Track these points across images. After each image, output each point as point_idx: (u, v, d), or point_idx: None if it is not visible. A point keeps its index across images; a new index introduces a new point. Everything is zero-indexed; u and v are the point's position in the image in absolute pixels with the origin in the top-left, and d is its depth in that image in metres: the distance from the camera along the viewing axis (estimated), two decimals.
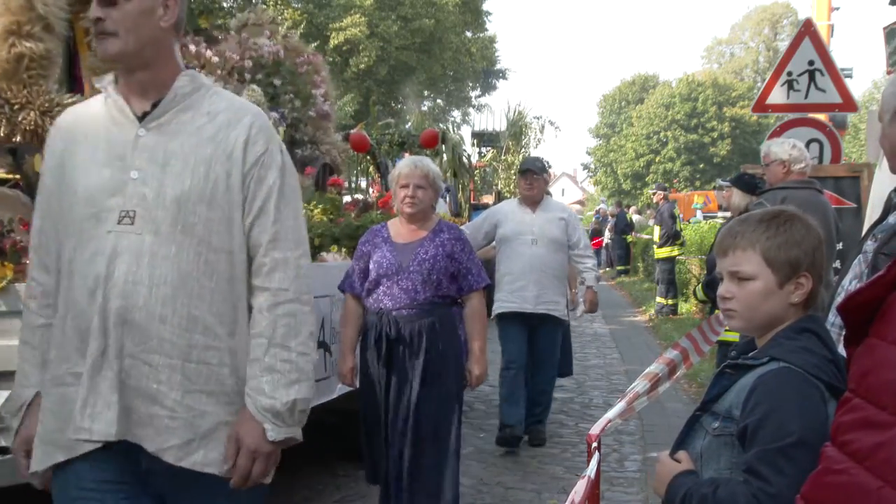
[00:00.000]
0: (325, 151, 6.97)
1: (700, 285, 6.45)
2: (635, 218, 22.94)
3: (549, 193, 7.17)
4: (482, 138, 23.07)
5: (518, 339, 6.26)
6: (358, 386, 4.37)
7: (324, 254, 5.10)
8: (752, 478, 1.82)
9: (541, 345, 6.35)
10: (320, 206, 5.37)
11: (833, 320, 2.47)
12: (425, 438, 4.15)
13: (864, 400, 1.39)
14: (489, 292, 7.87)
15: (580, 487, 2.47)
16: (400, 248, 4.24)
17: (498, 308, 6.29)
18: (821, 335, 1.96)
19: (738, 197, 5.64)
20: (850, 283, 2.44)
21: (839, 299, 2.48)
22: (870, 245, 2.43)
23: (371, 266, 4.25)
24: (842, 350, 2.32)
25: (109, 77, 2.22)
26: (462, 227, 6.14)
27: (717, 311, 4.89)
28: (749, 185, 5.65)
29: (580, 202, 63.64)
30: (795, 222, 2.02)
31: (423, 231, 4.29)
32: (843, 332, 2.40)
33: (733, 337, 5.19)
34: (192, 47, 5.98)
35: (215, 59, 6.07)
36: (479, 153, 20.36)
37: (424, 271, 4.16)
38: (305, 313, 2.18)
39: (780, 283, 1.98)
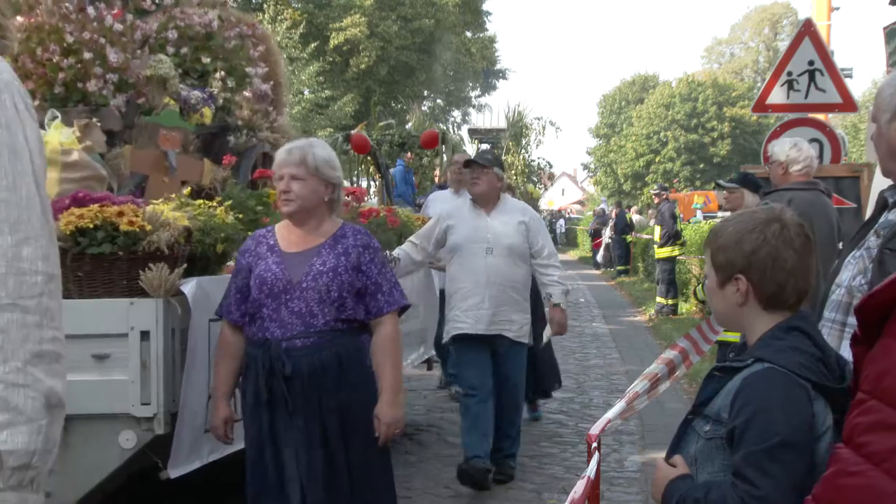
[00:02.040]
0: (271, 140, 5.98)
1: (700, 285, 6.43)
2: (635, 218, 22.94)
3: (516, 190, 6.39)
4: (481, 135, 23.07)
5: (479, 362, 5.34)
6: (233, 440, 3.50)
7: (231, 263, 4.15)
8: (739, 481, 1.83)
9: (502, 369, 5.40)
10: (228, 202, 4.49)
11: (833, 316, 2.47)
12: None
13: (881, 402, 1.38)
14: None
15: (580, 487, 2.47)
16: (289, 259, 3.32)
17: (451, 329, 5.37)
18: (810, 333, 1.97)
19: (749, 197, 5.63)
20: (855, 279, 2.44)
21: (833, 297, 2.49)
22: (873, 241, 2.43)
23: (252, 283, 3.32)
24: (843, 349, 2.33)
25: None
26: (411, 239, 5.49)
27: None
28: (755, 184, 5.65)
29: (580, 202, 63.82)
30: (752, 222, 2.01)
31: (320, 237, 3.36)
32: (845, 329, 2.42)
33: (733, 337, 5.18)
34: (91, 10, 5.20)
35: (118, 26, 5.22)
36: (478, 150, 20.36)
37: (322, 287, 3.23)
38: (26, 326, 1.48)
39: (720, 283, 2.05)
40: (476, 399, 5.30)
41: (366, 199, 14.46)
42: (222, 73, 5.78)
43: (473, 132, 23.70)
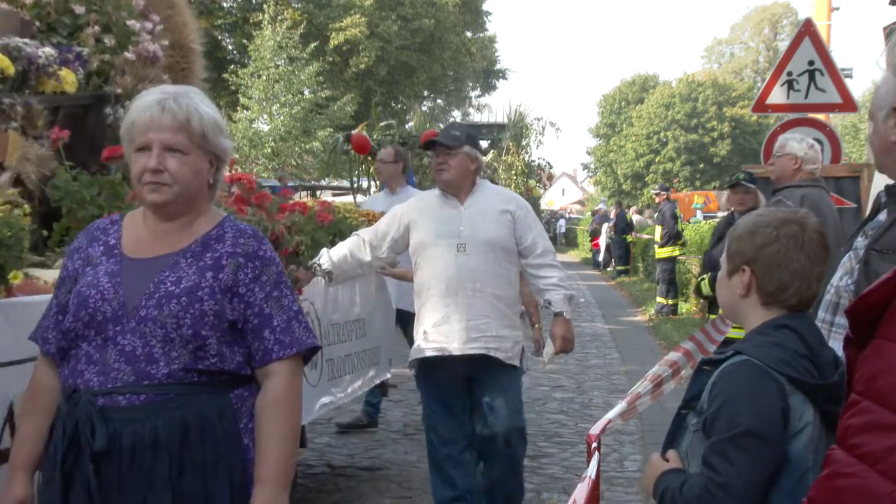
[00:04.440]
0: None
1: (705, 280, 6.30)
2: (635, 218, 22.95)
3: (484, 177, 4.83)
4: (479, 131, 22.97)
5: (453, 404, 4.20)
6: None
7: (15, 280, 2.78)
8: (706, 468, 1.88)
9: (487, 398, 4.15)
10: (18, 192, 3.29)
11: (823, 316, 2.49)
12: None
13: (874, 402, 1.38)
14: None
15: (582, 489, 2.47)
16: (131, 270, 2.18)
17: (414, 353, 4.23)
18: (799, 332, 1.99)
19: (762, 197, 5.62)
20: (841, 279, 2.47)
21: (828, 297, 2.50)
22: (860, 242, 2.45)
23: (71, 301, 2.19)
24: (836, 347, 2.34)
25: None
26: (358, 234, 4.37)
27: (719, 311, 4.88)
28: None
29: (580, 202, 63.87)
30: (771, 219, 2.06)
31: (184, 239, 2.24)
32: (832, 328, 2.44)
33: (738, 334, 5.18)
34: None
35: None
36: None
37: (168, 319, 2.11)
38: None
39: (729, 272, 2.09)
40: (451, 456, 4.17)
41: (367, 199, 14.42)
42: (97, 27, 4.48)
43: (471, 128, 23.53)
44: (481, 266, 4.09)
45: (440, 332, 4.09)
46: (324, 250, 4.22)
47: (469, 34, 35.41)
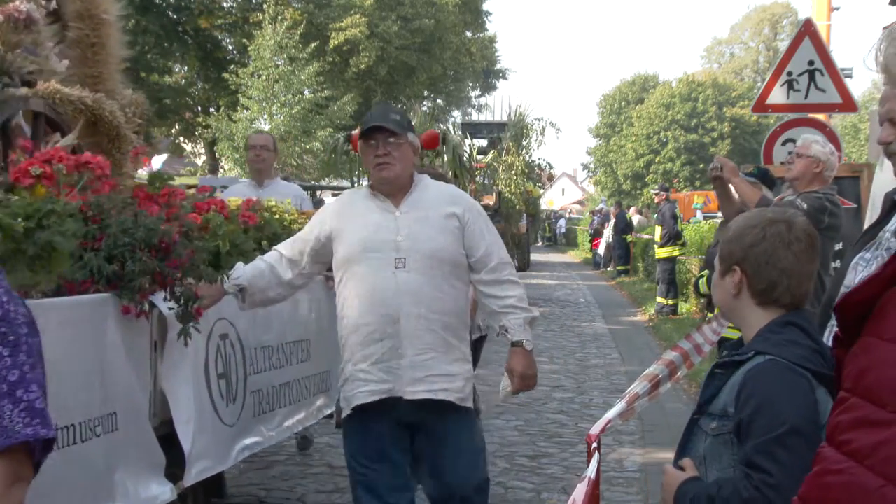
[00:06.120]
0: (59, 94, 3.83)
1: (703, 278, 6.27)
2: (636, 218, 22.96)
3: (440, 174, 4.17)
4: (474, 129, 22.81)
5: (387, 453, 3.32)
6: None
7: None
8: (752, 471, 1.87)
9: (437, 450, 3.35)
10: None
11: None
12: None
13: (862, 399, 1.39)
14: None
15: (581, 490, 2.47)
16: None
17: (350, 397, 3.32)
18: (805, 328, 2.04)
19: (767, 193, 5.59)
20: None
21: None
22: (894, 243, 2.42)
23: None
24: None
25: None
26: (276, 248, 3.57)
27: (717, 310, 4.87)
28: (773, 181, 5.63)
29: (580, 202, 63.94)
30: (758, 219, 2.10)
31: None
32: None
33: (731, 333, 5.17)
34: None
35: None
36: (472, 146, 20.10)
37: None
38: None
39: (721, 272, 2.15)
40: None
41: None
42: None
43: (468, 126, 23.14)
44: (426, 286, 3.27)
45: (380, 370, 3.26)
46: (238, 264, 3.49)
47: (469, 34, 35.46)
